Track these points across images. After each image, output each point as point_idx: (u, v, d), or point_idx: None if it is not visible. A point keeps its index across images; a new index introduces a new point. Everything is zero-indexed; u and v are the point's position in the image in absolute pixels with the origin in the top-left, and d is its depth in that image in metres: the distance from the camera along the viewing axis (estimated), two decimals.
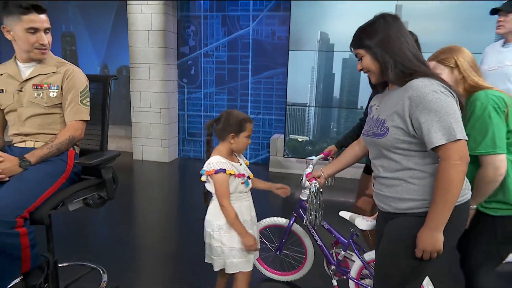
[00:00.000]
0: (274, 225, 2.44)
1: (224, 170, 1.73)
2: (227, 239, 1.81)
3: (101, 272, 2.43)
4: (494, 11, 2.76)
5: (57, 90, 1.88)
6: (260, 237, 2.23)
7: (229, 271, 1.85)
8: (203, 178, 1.81)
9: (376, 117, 1.41)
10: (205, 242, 1.91)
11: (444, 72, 1.69)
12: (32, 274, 1.68)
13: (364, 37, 1.36)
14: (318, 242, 2.18)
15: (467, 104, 1.56)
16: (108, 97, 2.11)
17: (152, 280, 2.53)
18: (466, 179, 1.33)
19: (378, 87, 1.50)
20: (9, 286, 1.91)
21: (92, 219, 3.51)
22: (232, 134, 1.78)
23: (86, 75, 2.02)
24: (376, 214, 2.00)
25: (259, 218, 2.52)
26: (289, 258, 2.53)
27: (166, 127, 5.61)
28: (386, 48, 1.31)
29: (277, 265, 2.57)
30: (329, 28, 4.81)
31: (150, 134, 5.66)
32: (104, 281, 2.35)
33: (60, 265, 2.21)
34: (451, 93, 1.24)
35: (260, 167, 5.62)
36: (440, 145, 1.19)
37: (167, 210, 4.02)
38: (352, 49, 1.44)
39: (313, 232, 2.20)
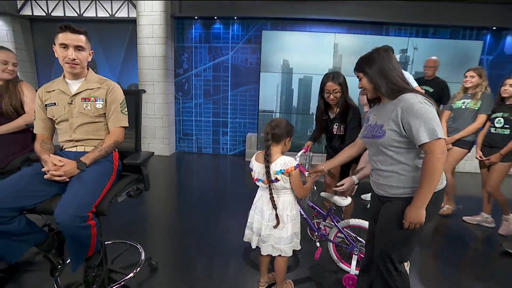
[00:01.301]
0: None
1: (298, 166, 1.58)
2: (297, 222, 1.67)
3: (139, 249, 2.23)
4: None
5: (102, 102, 1.68)
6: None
7: (290, 253, 1.66)
8: (279, 177, 1.55)
9: (374, 123, 1.38)
10: (268, 242, 1.63)
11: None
12: (93, 257, 1.53)
13: (364, 64, 1.35)
14: (304, 216, 2.09)
15: None
16: (140, 106, 1.92)
17: (174, 250, 2.40)
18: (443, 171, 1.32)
19: (372, 102, 1.47)
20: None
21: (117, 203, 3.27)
22: (290, 137, 1.62)
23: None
24: (348, 192, 1.98)
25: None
26: None
27: (167, 129, 5.37)
28: (379, 73, 1.31)
29: None
30: (289, 57, 4.84)
31: (154, 134, 5.40)
32: (142, 253, 2.18)
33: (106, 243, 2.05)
34: (431, 103, 1.24)
35: (238, 157, 5.54)
36: (426, 142, 1.19)
37: (173, 192, 3.86)
38: (355, 71, 1.42)
39: (300, 209, 2.09)
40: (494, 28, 4.96)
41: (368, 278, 1.57)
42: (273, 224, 1.61)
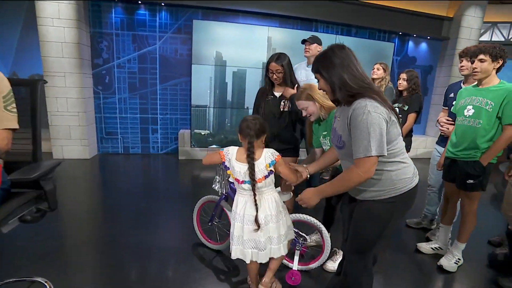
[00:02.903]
0: (209, 201, 2.15)
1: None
2: (287, 212, 1.64)
3: (44, 283, 1.62)
4: (303, 41, 2.84)
5: None
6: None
7: (285, 251, 1.59)
8: (273, 168, 1.50)
9: (336, 130, 1.28)
10: (257, 247, 1.51)
11: (310, 105, 1.74)
12: None
13: (318, 64, 1.21)
14: None
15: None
16: (37, 102, 1.45)
17: (99, 277, 1.89)
18: (414, 169, 1.27)
19: (336, 102, 1.30)
20: None
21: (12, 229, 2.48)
22: (266, 134, 1.54)
23: (8, 79, 1.28)
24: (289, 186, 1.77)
25: (200, 197, 2.19)
26: (220, 231, 2.22)
27: (85, 128, 4.51)
28: (333, 74, 1.17)
29: (211, 235, 2.24)
30: (222, 49, 4.48)
31: (69, 135, 4.47)
32: None
33: None
34: (384, 109, 1.12)
35: (170, 156, 5.01)
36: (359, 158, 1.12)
37: (95, 201, 3.20)
38: (312, 71, 1.27)
39: None
40: (400, 33, 5.45)
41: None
42: (270, 225, 1.50)
